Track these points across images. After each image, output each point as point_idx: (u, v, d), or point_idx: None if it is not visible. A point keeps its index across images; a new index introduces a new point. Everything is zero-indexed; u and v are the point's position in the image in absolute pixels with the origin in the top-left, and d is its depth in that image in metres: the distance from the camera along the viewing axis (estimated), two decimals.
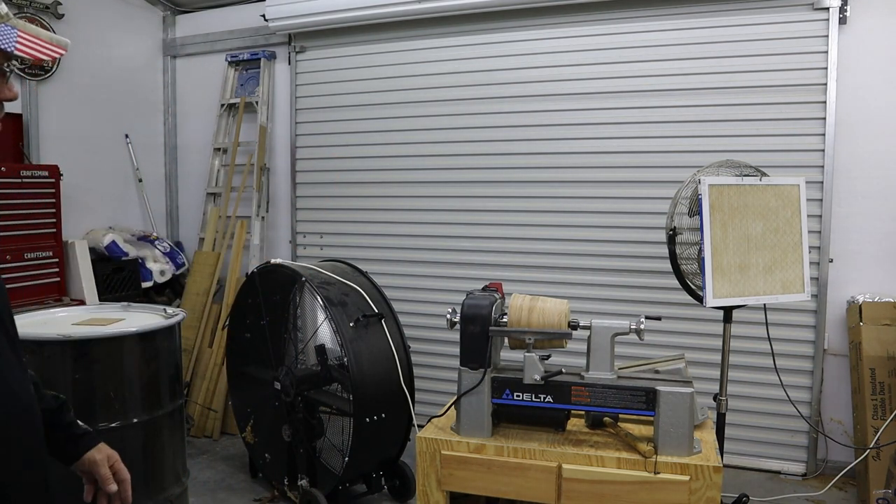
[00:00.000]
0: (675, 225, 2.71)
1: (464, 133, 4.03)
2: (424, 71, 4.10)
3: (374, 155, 4.24)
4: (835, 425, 3.49)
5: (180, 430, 2.73)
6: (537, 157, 3.87)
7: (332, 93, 4.36)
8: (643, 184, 3.66)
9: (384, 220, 4.22)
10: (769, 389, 3.43)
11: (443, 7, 3.87)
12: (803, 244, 2.68)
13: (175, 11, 4.86)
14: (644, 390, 1.76)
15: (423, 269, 4.16)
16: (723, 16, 3.49)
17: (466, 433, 1.87)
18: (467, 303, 1.86)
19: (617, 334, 1.81)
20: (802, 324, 3.47)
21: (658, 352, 3.29)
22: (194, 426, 4.09)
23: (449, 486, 1.87)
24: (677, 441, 1.73)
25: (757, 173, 2.71)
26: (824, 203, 3.38)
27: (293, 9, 4.18)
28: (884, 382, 3.17)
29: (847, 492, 3.32)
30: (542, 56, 3.83)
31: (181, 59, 4.91)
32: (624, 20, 3.67)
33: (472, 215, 4.03)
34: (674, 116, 3.59)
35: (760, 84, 3.44)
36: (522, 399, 1.84)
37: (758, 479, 3.45)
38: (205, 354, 4.22)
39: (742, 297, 2.59)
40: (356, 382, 2.88)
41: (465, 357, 1.85)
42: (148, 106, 4.79)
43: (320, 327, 3.16)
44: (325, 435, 3.13)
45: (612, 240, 3.74)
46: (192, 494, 3.27)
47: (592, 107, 3.74)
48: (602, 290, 3.77)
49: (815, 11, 3.34)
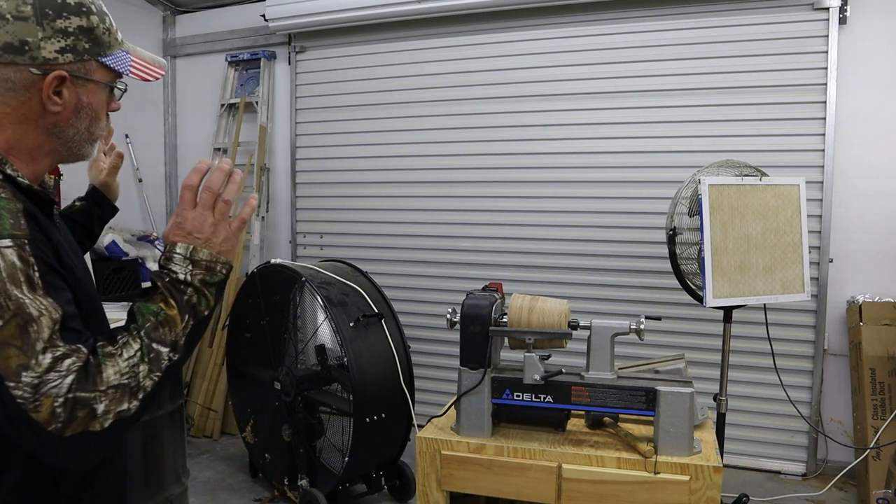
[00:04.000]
0: (675, 225, 2.71)
1: (464, 133, 4.03)
2: (424, 71, 4.09)
3: (373, 155, 4.24)
4: (835, 425, 3.49)
5: (180, 430, 2.73)
6: (537, 157, 3.87)
7: (332, 93, 4.36)
8: (643, 184, 3.66)
9: (384, 220, 4.22)
10: (769, 389, 3.43)
11: (443, 7, 3.87)
12: (803, 244, 2.68)
13: (175, 11, 4.86)
14: (644, 390, 1.76)
15: (423, 269, 4.16)
16: (723, 16, 3.49)
17: (466, 433, 1.87)
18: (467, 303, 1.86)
19: (617, 334, 1.80)
20: (802, 324, 3.47)
21: (658, 352, 3.29)
22: (194, 426, 4.09)
23: (449, 486, 1.87)
24: (677, 441, 1.73)
25: (757, 173, 2.71)
26: (824, 203, 3.38)
27: (293, 9, 4.18)
28: (884, 382, 3.17)
29: (847, 492, 3.32)
30: (542, 56, 3.82)
31: (181, 59, 4.91)
32: (624, 20, 3.67)
33: (472, 215, 4.03)
34: (674, 116, 3.59)
35: (760, 84, 3.44)
36: (522, 399, 1.84)
37: (758, 479, 3.45)
38: (205, 354, 4.22)
39: (742, 297, 2.59)
40: (356, 382, 2.88)
41: (465, 357, 1.85)
42: (148, 106, 4.79)
43: (320, 327, 3.16)
44: (325, 435, 3.13)
45: (612, 240, 3.74)
46: (192, 494, 3.27)
47: (592, 107, 3.74)
48: (602, 290, 3.77)
49: (815, 11, 3.34)
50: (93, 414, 0.90)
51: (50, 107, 1.02)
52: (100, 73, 1.08)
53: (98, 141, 1.15)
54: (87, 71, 1.06)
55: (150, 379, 0.96)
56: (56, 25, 1.01)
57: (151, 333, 0.97)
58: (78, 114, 1.06)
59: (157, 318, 0.98)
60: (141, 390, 0.95)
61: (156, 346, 0.97)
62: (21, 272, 0.90)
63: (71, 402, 0.88)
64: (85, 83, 1.06)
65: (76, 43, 1.03)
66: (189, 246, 1.02)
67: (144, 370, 0.95)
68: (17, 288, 0.89)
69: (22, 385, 0.87)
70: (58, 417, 0.88)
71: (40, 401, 0.87)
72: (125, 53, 1.11)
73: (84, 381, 0.90)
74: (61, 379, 0.88)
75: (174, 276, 1.01)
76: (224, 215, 1.08)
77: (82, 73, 1.05)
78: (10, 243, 0.91)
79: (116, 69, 1.10)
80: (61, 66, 1.02)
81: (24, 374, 0.87)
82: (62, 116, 1.05)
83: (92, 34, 1.05)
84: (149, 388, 0.96)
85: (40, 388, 0.87)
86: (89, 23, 1.04)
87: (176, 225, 1.04)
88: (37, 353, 0.88)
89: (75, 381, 0.89)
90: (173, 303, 0.99)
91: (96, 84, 1.08)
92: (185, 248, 1.02)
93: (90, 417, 0.90)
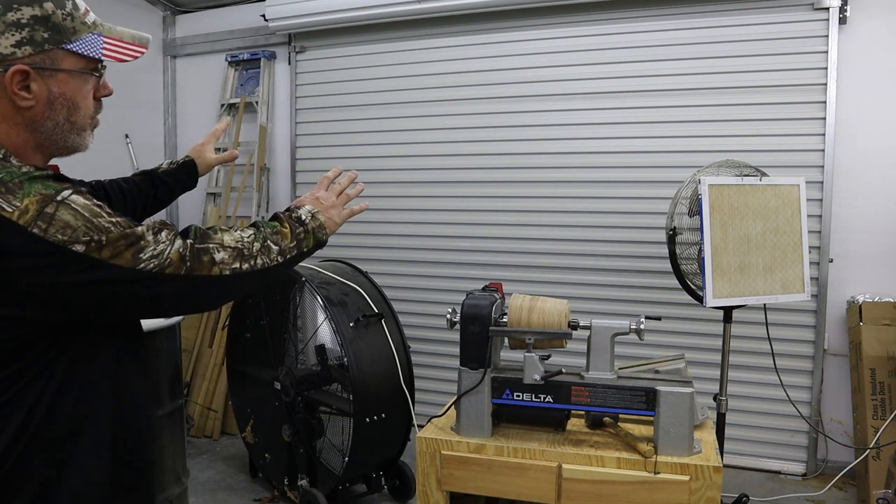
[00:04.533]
0: (675, 225, 2.71)
1: (464, 133, 4.02)
2: (424, 71, 4.09)
3: (373, 155, 4.24)
4: (835, 425, 3.49)
5: (180, 431, 2.74)
6: (537, 157, 3.87)
7: (332, 93, 4.36)
8: (643, 184, 3.66)
9: (384, 220, 4.22)
10: (769, 389, 3.42)
11: (443, 7, 3.87)
12: (803, 244, 2.68)
13: (175, 11, 4.86)
14: (644, 390, 1.76)
15: (423, 269, 4.16)
16: (723, 16, 3.49)
17: (466, 433, 1.87)
18: (467, 303, 1.86)
19: (617, 334, 1.81)
20: (802, 324, 3.47)
21: (658, 352, 3.29)
22: (194, 426, 4.09)
23: (449, 486, 1.87)
24: (677, 441, 1.73)
25: (757, 173, 2.71)
26: (824, 203, 3.38)
27: (293, 9, 4.18)
28: (884, 382, 3.17)
29: (847, 492, 3.32)
30: (542, 56, 3.82)
31: (181, 59, 4.91)
32: (624, 20, 3.66)
33: (472, 215, 4.03)
34: (674, 116, 3.59)
35: (760, 84, 3.44)
36: (522, 399, 1.84)
37: (758, 479, 3.45)
38: (205, 354, 4.21)
39: (742, 297, 2.59)
40: (356, 382, 2.88)
41: (465, 357, 1.85)
42: (148, 106, 4.79)
43: (320, 327, 3.16)
44: (325, 435, 3.13)
45: (612, 240, 3.74)
46: (192, 494, 3.27)
47: (592, 107, 3.74)
48: (602, 290, 3.77)
49: (815, 11, 3.34)
50: (213, 261, 1.07)
51: (20, 102, 1.02)
52: (69, 61, 1.06)
53: (90, 128, 1.15)
54: (53, 61, 1.04)
55: (260, 257, 1.14)
56: (7, 19, 0.99)
57: (268, 234, 1.19)
58: (52, 105, 1.05)
59: (275, 230, 1.21)
60: (252, 258, 1.13)
61: (269, 243, 1.17)
62: (94, 206, 1.00)
63: (193, 251, 1.05)
64: (53, 73, 1.04)
65: (32, 34, 1.00)
66: (315, 209, 1.32)
67: (258, 247, 1.15)
68: (98, 217, 0.99)
69: (145, 260, 1.00)
70: (186, 259, 1.04)
71: (168, 258, 1.02)
72: (97, 36, 1.08)
73: (199, 238, 1.08)
74: (170, 243, 1.03)
75: (297, 216, 1.27)
76: (343, 202, 1.41)
77: (48, 63, 1.03)
78: (70, 191, 0.99)
79: (87, 55, 1.07)
80: (20, 60, 1.00)
81: (142, 254, 1.00)
82: (37, 111, 1.04)
83: (49, 22, 1.02)
84: (258, 263, 1.14)
85: (160, 254, 1.01)
86: (43, 11, 1.01)
87: (312, 194, 1.37)
88: (141, 238, 1.01)
89: (189, 238, 1.07)
90: (288, 228, 1.23)
91: (67, 73, 1.06)
92: (312, 208, 1.31)
93: (212, 263, 1.07)
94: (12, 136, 1.05)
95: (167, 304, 1.08)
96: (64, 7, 1.04)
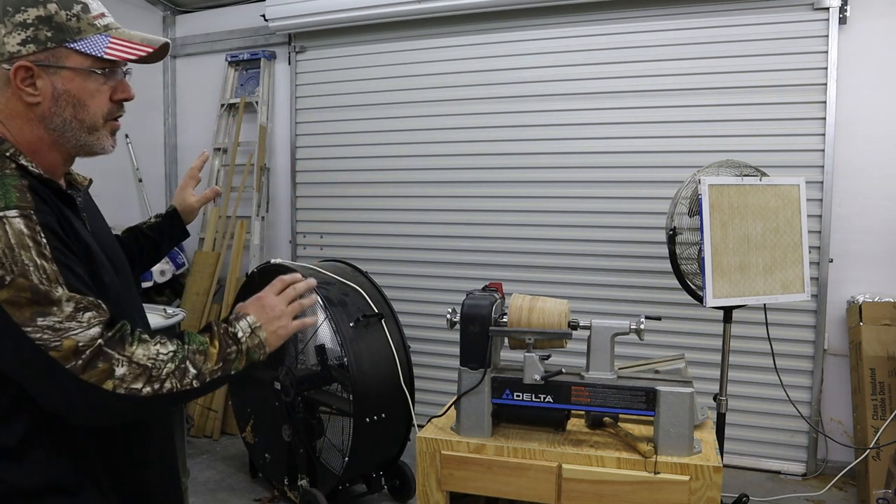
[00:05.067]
0: (675, 225, 2.71)
1: (464, 133, 4.03)
2: (424, 71, 4.09)
3: (373, 155, 4.24)
4: (835, 425, 3.49)
5: (180, 430, 2.74)
6: (537, 157, 3.87)
7: (332, 93, 4.36)
8: (643, 184, 3.66)
9: (384, 220, 4.22)
10: (769, 389, 3.43)
11: (443, 7, 3.87)
12: (803, 244, 2.68)
13: (175, 11, 4.86)
14: (644, 390, 1.75)
15: (423, 269, 4.16)
16: (722, 16, 3.49)
17: (466, 433, 1.87)
18: (467, 303, 1.86)
19: (617, 334, 1.80)
20: (802, 324, 3.47)
21: (658, 352, 3.29)
22: (194, 426, 4.09)
23: (449, 486, 1.87)
24: (677, 441, 1.73)
25: (757, 173, 2.71)
26: (824, 203, 3.38)
27: (293, 9, 4.18)
28: (884, 382, 3.17)
29: (847, 492, 3.32)
30: (542, 56, 3.82)
31: (181, 59, 4.91)
32: (624, 20, 3.67)
33: (472, 215, 4.03)
34: (674, 116, 3.59)
35: (760, 84, 3.44)
36: (522, 399, 1.84)
37: (758, 479, 3.45)
38: None
39: (742, 297, 2.59)
40: (356, 382, 2.88)
41: (465, 357, 1.85)
42: (148, 106, 4.79)
43: (320, 327, 3.16)
44: (325, 435, 3.13)
45: (612, 240, 3.74)
46: (192, 494, 3.27)
47: (592, 107, 3.74)
48: (602, 290, 3.77)
49: (815, 11, 3.34)
50: (110, 372, 0.96)
51: (26, 98, 1.07)
52: (73, 60, 1.08)
53: (107, 130, 1.15)
54: (57, 59, 1.07)
55: (169, 380, 1.02)
56: (16, 20, 1.05)
57: (189, 353, 1.06)
58: (57, 102, 1.08)
59: (200, 347, 1.08)
60: (158, 381, 1.00)
61: (188, 364, 1.05)
62: (29, 238, 0.95)
63: (95, 350, 0.95)
64: (57, 71, 1.07)
65: (36, 33, 1.05)
66: (258, 322, 1.16)
67: (170, 368, 1.02)
68: (25, 252, 0.94)
69: (39, 328, 0.92)
70: (79, 356, 0.94)
71: (61, 341, 0.93)
72: (104, 37, 1.11)
73: (112, 341, 0.97)
74: (84, 329, 0.95)
75: (233, 332, 1.13)
76: (292, 312, 1.23)
77: (52, 61, 1.07)
78: (16, 213, 0.96)
79: (90, 53, 1.10)
80: (24, 58, 1.05)
81: (41, 319, 0.93)
82: (44, 107, 1.08)
83: (52, 22, 1.06)
84: (165, 388, 1.01)
85: (60, 331, 0.93)
86: (47, 11, 1.06)
87: (257, 299, 1.20)
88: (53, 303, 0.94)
89: (101, 334, 0.96)
90: (217, 346, 1.09)
91: (71, 70, 1.08)
92: (255, 320, 1.16)
93: (107, 375, 0.95)
94: (26, 132, 1.09)
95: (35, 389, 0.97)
96: (70, 8, 1.08)
